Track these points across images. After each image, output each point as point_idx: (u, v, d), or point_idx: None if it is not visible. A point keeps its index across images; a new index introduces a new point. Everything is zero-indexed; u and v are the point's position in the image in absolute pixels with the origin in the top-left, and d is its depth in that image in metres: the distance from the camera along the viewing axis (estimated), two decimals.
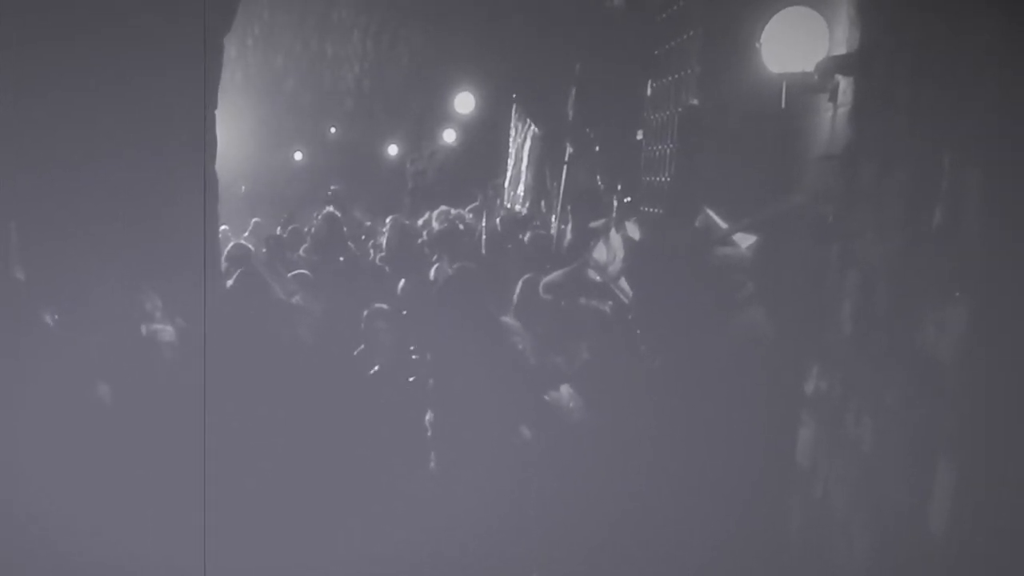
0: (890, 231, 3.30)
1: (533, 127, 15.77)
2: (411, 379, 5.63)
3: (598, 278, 7.11)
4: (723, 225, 5.32)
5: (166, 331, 5.53)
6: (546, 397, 4.77)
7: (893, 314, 3.20)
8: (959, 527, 2.67)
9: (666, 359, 4.79)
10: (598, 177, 12.43)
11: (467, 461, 4.60)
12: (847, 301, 3.63)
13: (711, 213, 5.58)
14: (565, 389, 4.99)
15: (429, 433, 5.28)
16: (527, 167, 16.08)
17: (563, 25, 11.73)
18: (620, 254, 7.75)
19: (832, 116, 5.98)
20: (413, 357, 6.26)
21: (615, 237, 8.19)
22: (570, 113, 11.37)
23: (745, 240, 5.24)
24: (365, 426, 4.95)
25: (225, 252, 7.79)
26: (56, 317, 5.16)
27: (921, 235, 3.01)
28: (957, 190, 2.82)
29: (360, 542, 4.59)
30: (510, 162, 16.72)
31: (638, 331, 5.31)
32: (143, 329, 5.42)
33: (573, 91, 11.29)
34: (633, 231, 8.24)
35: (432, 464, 4.73)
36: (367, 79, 18.03)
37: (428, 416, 5.40)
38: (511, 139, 16.74)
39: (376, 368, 6.11)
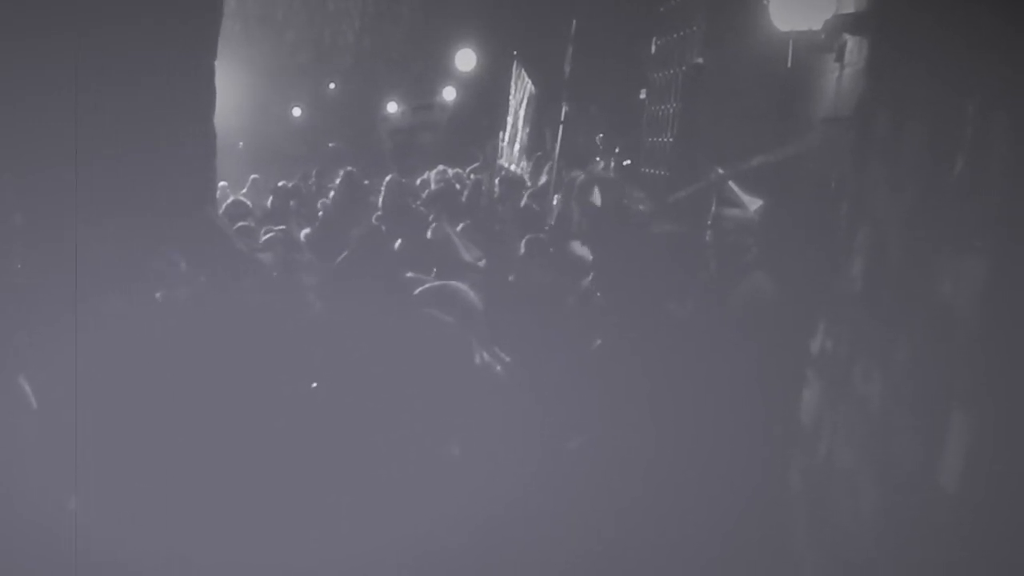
0: (905, 185, 3.25)
1: (531, 85, 15.69)
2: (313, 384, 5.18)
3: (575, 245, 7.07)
4: (742, 195, 5.24)
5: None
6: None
7: (907, 267, 3.16)
8: (972, 483, 2.64)
9: (661, 325, 4.74)
10: (599, 137, 12.38)
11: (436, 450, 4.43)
12: (858, 257, 3.59)
13: (720, 171, 5.53)
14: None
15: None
16: (524, 126, 16.02)
17: None
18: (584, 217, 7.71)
19: (839, 76, 5.91)
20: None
21: (593, 196, 8.14)
22: (567, 71, 11.26)
23: (753, 203, 5.18)
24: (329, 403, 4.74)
25: (222, 208, 7.70)
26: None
27: (939, 186, 2.95)
28: (981, 137, 2.74)
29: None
30: (509, 120, 16.65)
31: (598, 294, 5.23)
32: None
33: (570, 49, 11.19)
34: (596, 196, 8.19)
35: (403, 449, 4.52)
36: (367, 35, 17.93)
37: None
38: (511, 97, 16.67)
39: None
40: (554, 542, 4.29)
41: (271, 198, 9.58)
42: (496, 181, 11.69)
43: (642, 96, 10.32)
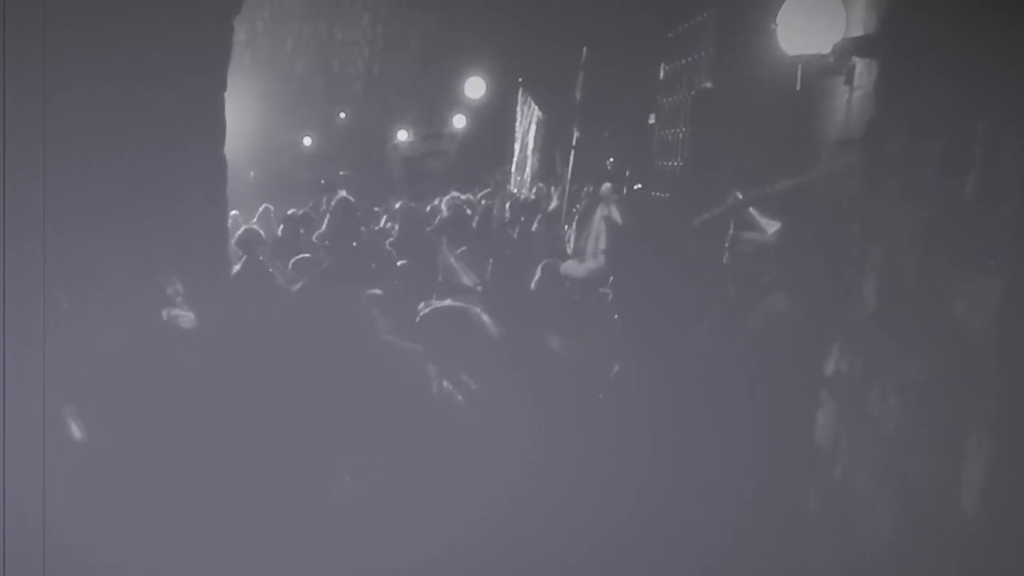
0: (917, 205, 3.24)
1: (537, 111, 15.74)
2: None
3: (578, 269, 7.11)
4: (760, 219, 5.25)
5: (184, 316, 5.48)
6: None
7: (921, 286, 3.15)
8: (994, 504, 2.61)
9: (679, 348, 4.74)
10: (609, 161, 12.41)
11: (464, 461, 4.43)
12: (871, 277, 3.58)
13: (739, 194, 5.54)
14: None
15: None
16: (532, 152, 16.07)
17: (575, 8, 11.68)
18: (601, 239, 7.73)
19: (848, 99, 5.92)
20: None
21: (598, 221, 8.16)
22: (578, 96, 11.31)
23: (771, 226, 5.19)
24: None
25: (236, 237, 7.75)
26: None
27: (951, 206, 2.94)
28: (992, 155, 2.74)
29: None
30: (516, 147, 16.71)
31: (615, 317, 5.23)
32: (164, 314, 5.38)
33: (581, 75, 11.24)
34: (616, 215, 8.22)
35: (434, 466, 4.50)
36: (376, 64, 18.02)
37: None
38: (517, 123, 16.74)
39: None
40: (554, 561, 4.27)
41: (281, 227, 9.64)
42: (507, 206, 11.76)
43: (651, 121, 10.34)
